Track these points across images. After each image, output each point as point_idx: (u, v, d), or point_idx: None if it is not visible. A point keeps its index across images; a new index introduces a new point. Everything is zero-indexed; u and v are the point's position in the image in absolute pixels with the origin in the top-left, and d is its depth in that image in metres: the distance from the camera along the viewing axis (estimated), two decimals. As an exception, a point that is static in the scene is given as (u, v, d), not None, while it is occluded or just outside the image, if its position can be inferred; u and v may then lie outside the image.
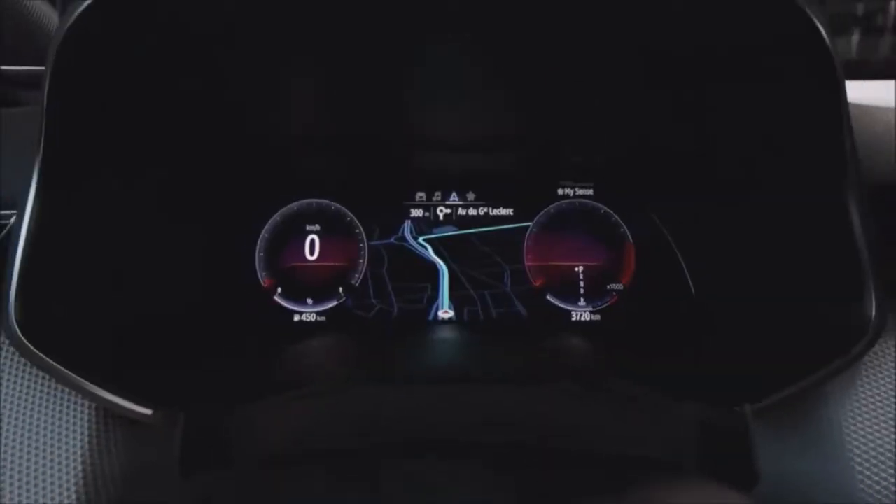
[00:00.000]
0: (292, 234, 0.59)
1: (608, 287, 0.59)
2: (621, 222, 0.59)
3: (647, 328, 0.56)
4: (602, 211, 0.60)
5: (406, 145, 0.57)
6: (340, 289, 0.60)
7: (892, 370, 0.38)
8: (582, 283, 0.59)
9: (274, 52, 0.41)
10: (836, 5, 0.91)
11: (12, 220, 0.43)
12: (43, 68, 0.63)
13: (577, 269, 0.59)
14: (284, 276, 0.59)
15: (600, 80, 0.46)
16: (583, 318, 0.59)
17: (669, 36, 0.38)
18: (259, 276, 0.58)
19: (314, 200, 0.60)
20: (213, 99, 0.47)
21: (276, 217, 0.59)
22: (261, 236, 0.59)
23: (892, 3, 0.80)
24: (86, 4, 0.32)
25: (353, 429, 0.42)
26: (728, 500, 0.31)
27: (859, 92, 0.48)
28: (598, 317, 0.58)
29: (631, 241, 0.59)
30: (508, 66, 0.45)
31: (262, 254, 0.59)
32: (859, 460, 0.36)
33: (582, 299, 0.59)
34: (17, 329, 0.37)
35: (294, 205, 0.60)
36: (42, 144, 0.36)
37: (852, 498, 0.36)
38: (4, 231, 0.40)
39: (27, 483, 0.36)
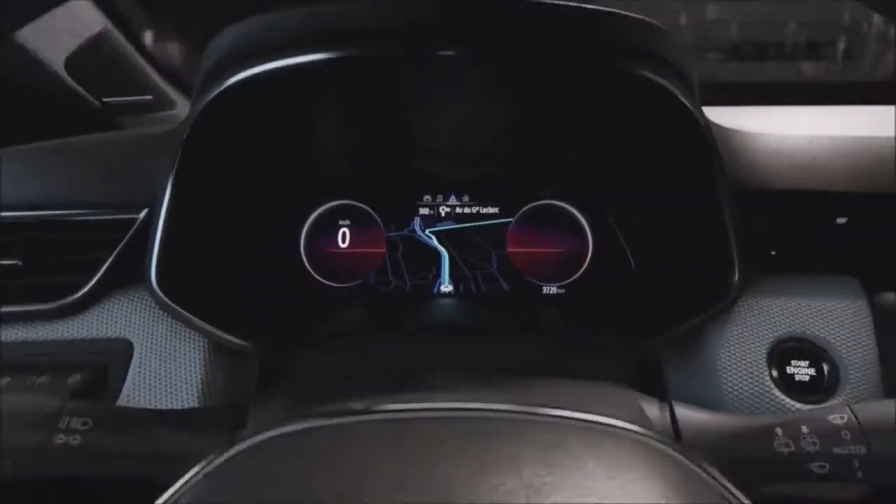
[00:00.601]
0: (329, 227, 0.74)
1: (571, 268, 0.74)
2: (581, 219, 0.74)
3: (600, 296, 0.72)
4: (567, 210, 0.75)
5: (417, 161, 0.72)
6: (366, 269, 0.75)
7: (747, 319, 0.55)
8: (551, 265, 0.74)
9: (308, 96, 0.55)
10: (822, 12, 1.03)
11: (141, 215, 0.59)
12: (141, 97, 0.79)
13: (547, 254, 0.74)
14: (323, 259, 0.74)
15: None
16: (551, 292, 0.74)
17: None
18: (304, 260, 0.75)
19: (346, 202, 0.74)
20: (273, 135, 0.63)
21: (316, 215, 0.74)
22: (304, 229, 0.74)
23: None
24: (214, 95, 0.47)
25: (381, 367, 0.58)
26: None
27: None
28: (563, 290, 0.73)
29: (589, 232, 0.74)
30: (499, 83, 0.57)
31: (306, 243, 0.74)
32: (726, 382, 0.53)
33: (554, 276, 0.74)
34: (158, 288, 0.53)
35: (330, 205, 0.74)
36: (176, 165, 0.53)
37: (721, 409, 0.51)
38: (137, 224, 0.56)
39: (164, 402, 0.52)
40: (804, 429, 0.33)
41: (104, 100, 0.76)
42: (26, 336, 0.53)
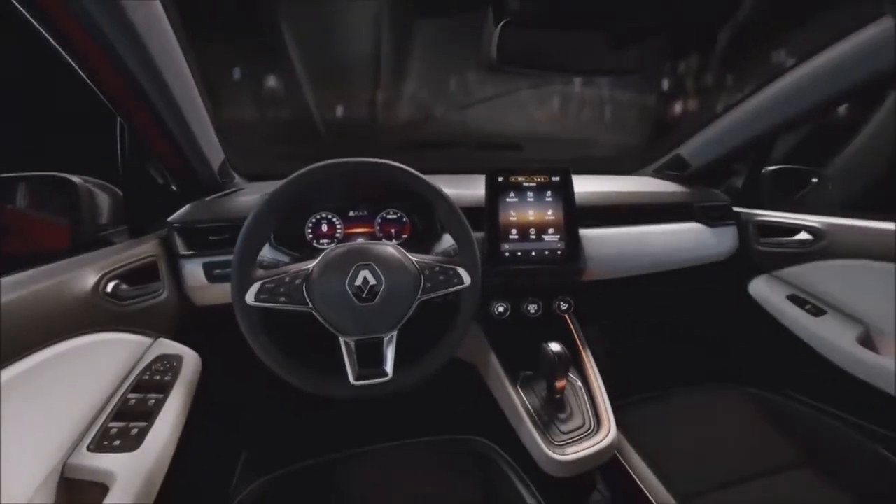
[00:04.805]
0: (319, 222, 1.63)
1: (402, 233, 1.87)
2: (403, 215, 1.92)
3: (415, 243, 1.97)
4: (398, 212, 1.91)
5: (350, 201, 1.91)
6: (332, 238, 1.95)
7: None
8: (395, 233, 1.73)
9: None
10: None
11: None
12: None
13: (392, 230, 1.89)
14: (316, 235, 1.63)
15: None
16: (398, 243, 1.95)
17: None
18: (307, 235, 1.84)
19: (325, 213, 1.66)
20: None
21: (315, 216, 1.67)
22: (308, 223, 1.73)
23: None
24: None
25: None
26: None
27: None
28: (401, 242, 1.91)
29: (407, 220, 1.91)
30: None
31: (308, 229, 1.72)
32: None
33: (395, 237, 1.72)
34: (273, 241, 1.79)
35: (319, 214, 1.64)
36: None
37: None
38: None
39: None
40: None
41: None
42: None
